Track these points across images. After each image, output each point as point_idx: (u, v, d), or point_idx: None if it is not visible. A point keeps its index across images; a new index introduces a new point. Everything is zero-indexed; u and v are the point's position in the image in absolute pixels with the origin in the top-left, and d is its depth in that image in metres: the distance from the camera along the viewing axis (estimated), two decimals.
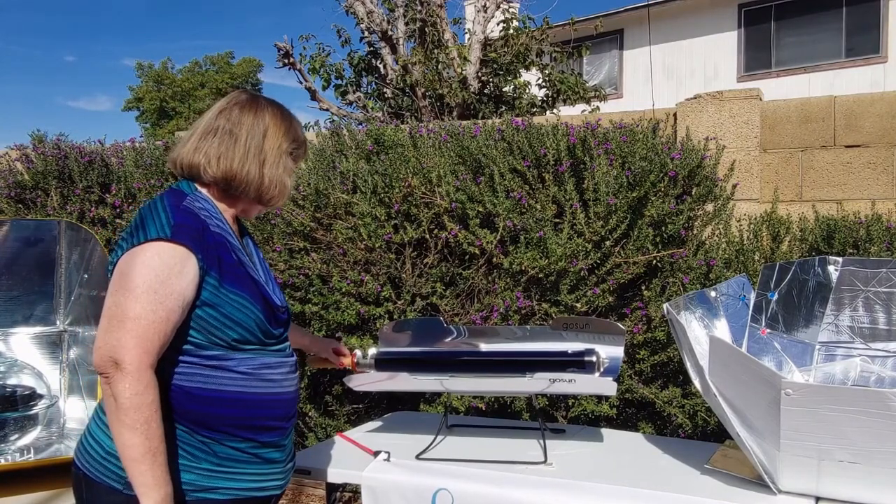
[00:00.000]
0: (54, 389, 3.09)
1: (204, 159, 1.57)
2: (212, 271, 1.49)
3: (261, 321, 1.55)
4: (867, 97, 4.39)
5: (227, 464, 1.53)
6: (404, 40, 7.87)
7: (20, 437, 2.88)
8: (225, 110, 1.61)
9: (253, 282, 1.57)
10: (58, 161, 4.39)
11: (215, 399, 1.51)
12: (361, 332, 3.38)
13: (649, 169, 3.14)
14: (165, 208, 1.51)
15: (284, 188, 1.65)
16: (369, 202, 3.35)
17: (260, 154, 1.59)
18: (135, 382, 1.38)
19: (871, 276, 2.16)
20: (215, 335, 1.50)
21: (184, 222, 1.49)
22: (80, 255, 3.17)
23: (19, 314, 3.17)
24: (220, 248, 1.53)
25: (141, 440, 1.38)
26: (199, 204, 1.56)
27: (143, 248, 1.45)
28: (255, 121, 1.60)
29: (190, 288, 1.46)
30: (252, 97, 1.66)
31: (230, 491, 1.53)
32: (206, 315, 1.49)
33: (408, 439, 2.18)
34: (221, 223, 1.58)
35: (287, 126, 1.65)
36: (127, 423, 1.38)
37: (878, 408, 1.50)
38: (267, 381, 1.57)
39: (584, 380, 2.03)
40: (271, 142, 1.61)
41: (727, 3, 12.62)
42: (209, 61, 29.77)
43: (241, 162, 1.58)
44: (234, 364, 1.53)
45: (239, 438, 1.53)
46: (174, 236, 1.45)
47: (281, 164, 1.63)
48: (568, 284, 3.12)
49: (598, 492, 1.78)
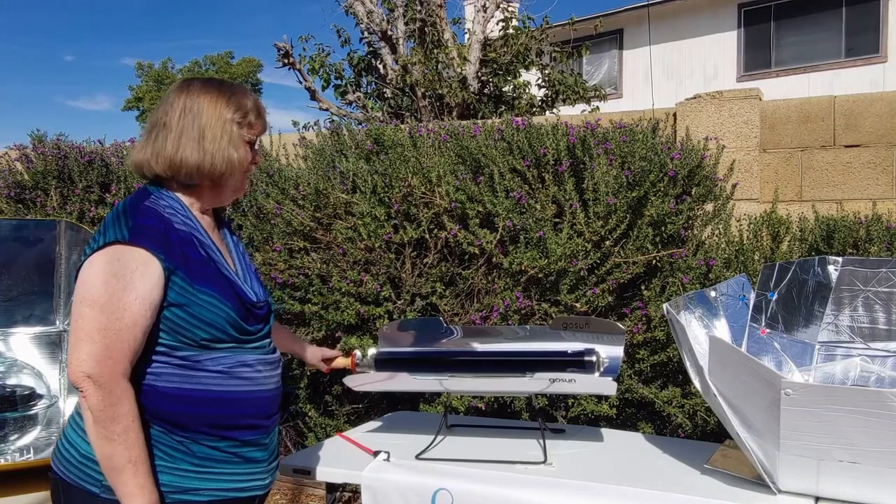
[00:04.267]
0: (54, 389, 3.09)
1: (150, 156, 1.54)
2: (178, 271, 1.46)
3: (233, 319, 1.51)
4: (867, 97, 4.39)
5: (205, 464, 1.50)
6: (404, 40, 7.87)
7: (20, 437, 2.88)
8: (164, 104, 1.57)
9: (223, 278, 1.53)
10: (57, 161, 4.39)
11: (189, 398, 1.48)
12: (361, 332, 3.38)
13: (649, 169, 3.14)
14: (126, 210, 1.48)
15: (231, 159, 1.55)
16: (369, 202, 3.35)
17: (195, 131, 1.52)
18: (108, 395, 1.37)
19: (870, 276, 2.16)
20: (184, 335, 1.47)
21: (143, 223, 1.45)
22: (79, 255, 3.16)
23: (19, 314, 3.17)
24: (185, 246, 1.49)
25: (121, 450, 1.37)
26: (164, 202, 1.53)
27: (101, 254, 1.42)
28: (186, 101, 1.54)
29: (155, 290, 1.43)
30: (184, 81, 1.60)
31: (210, 492, 1.51)
32: (174, 316, 1.46)
33: (408, 439, 2.18)
34: (188, 219, 1.54)
35: (226, 97, 1.57)
36: (105, 434, 1.37)
37: (877, 408, 1.50)
38: (244, 378, 1.54)
39: (584, 380, 2.03)
40: (208, 116, 1.53)
41: (727, 3, 12.62)
42: (209, 61, 29.79)
43: (175, 146, 1.52)
44: (209, 363, 1.50)
45: (216, 437, 1.51)
46: (132, 239, 1.42)
47: (224, 136, 1.54)
48: (568, 284, 3.12)
49: (598, 492, 1.78)
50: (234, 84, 1.63)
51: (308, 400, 3.64)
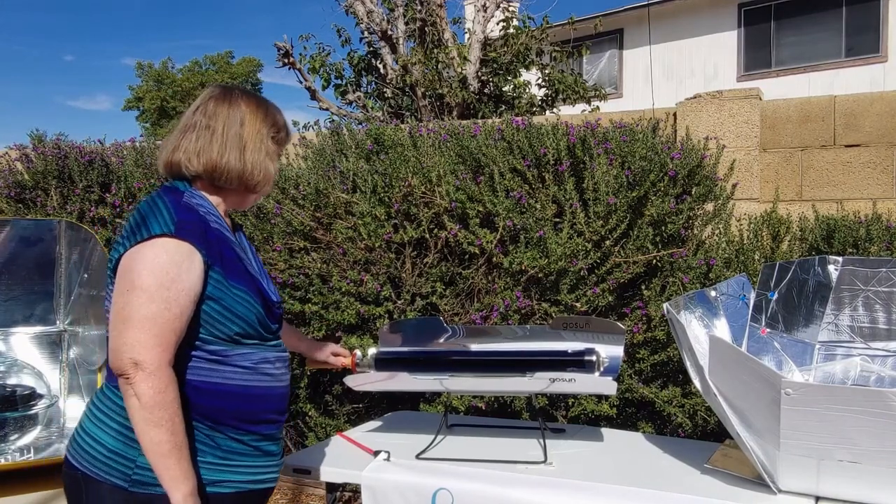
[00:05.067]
0: (54, 389, 3.09)
1: (184, 157, 1.59)
2: (215, 266, 1.51)
3: (261, 315, 1.58)
4: (867, 97, 4.39)
5: (230, 457, 1.55)
6: (404, 40, 7.87)
7: (20, 437, 2.88)
8: (201, 106, 1.63)
9: (251, 277, 1.59)
10: (58, 161, 4.39)
11: (221, 392, 1.53)
12: (361, 331, 3.38)
13: (649, 168, 3.14)
14: (166, 205, 1.52)
15: (268, 172, 1.66)
16: (369, 202, 3.35)
17: (239, 142, 1.61)
18: (157, 381, 1.41)
19: (871, 276, 2.16)
20: (218, 329, 1.52)
21: (186, 218, 1.50)
22: (80, 254, 3.17)
23: (19, 314, 3.17)
24: (221, 244, 1.55)
25: (167, 436, 1.41)
26: (196, 200, 1.58)
27: (148, 245, 1.45)
28: (230, 111, 1.62)
29: (198, 284, 1.48)
30: (225, 89, 1.67)
31: (234, 484, 1.55)
32: (210, 309, 1.51)
33: (408, 439, 2.18)
34: (218, 219, 1.60)
35: (264, 112, 1.66)
36: (153, 421, 1.40)
37: (878, 407, 1.50)
38: (266, 374, 1.60)
39: (584, 379, 2.02)
40: (249, 128, 1.63)
41: (727, 3, 12.62)
42: (209, 61, 29.75)
43: (220, 152, 1.59)
44: (237, 358, 1.55)
45: (242, 431, 1.56)
46: (178, 232, 1.47)
47: (262, 148, 1.64)
48: (568, 284, 3.12)
49: (598, 491, 1.77)
50: (267, 100, 1.72)
51: (308, 400, 3.64)
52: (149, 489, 1.47)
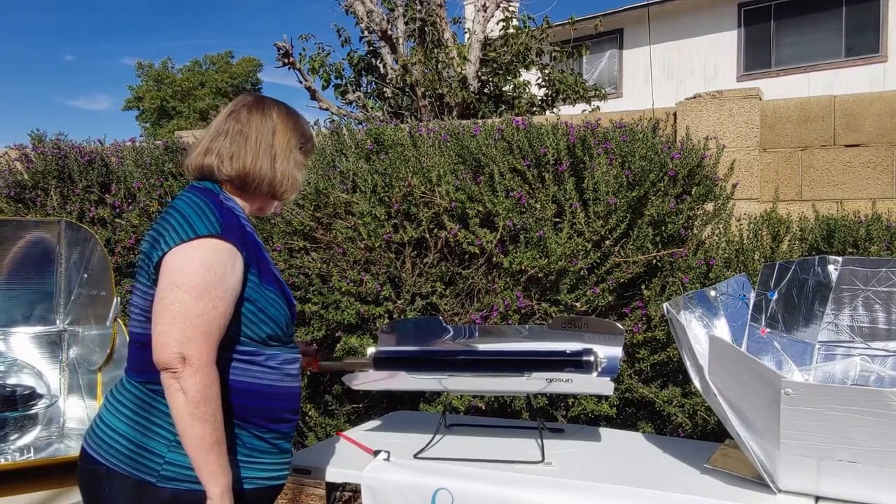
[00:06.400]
0: (54, 389, 3.09)
1: (217, 160, 1.63)
2: (252, 267, 1.56)
3: (287, 318, 1.64)
4: (867, 97, 4.39)
5: (253, 454, 1.59)
6: (404, 40, 7.86)
7: (20, 437, 2.88)
8: (234, 113, 1.68)
9: (278, 280, 1.64)
10: (57, 161, 4.39)
11: (249, 391, 1.57)
12: (361, 331, 3.38)
13: (649, 168, 3.14)
14: (209, 206, 1.55)
15: (296, 181, 1.71)
16: (369, 202, 3.35)
17: (270, 150, 1.66)
18: (204, 376, 1.44)
19: (870, 276, 2.16)
20: (252, 329, 1.56)
21: (229, 220, 1.55)
22: (79, 254, 3.16)
23: (19, 314, 3.17)
24: (255, 247, 1.60)
25: (210, 431, 1.44)
26: (231, 203, 1.63)
27: (196, 245, 1.49)
28: (263, 119, 1.67)
29: (239, 284, 1.53)
30: (258, 98, 1.73)
31: (256, 480, 1.59)
32: (247, 311, 1.55)
33: (407, 439, 2.18)
34: (248, 222, 1.65)
35: (294, 123, 1.72)
36: (198, 415, 1.43)
37: (877, 407, 1.50)
38: (288, 375, 1.65)
39: (582, 379, 2.02)
40: (280, 138, 1.68)
41: (727, 3, 12.61)
42: (209, 61, 29.72)
43: (254, 159, 1.64)
44: (264, 359, 1.59)
45: (265, 429, 1.60)
46: (224, 233, 1.51)
47: (291, 158, 1.69)
48: (568, 284, 3.12)
49: (598, 491, 1.78)
50: (296, 111, 1.77)
51: (308, 399, 3.64)
52: (177, 485, 1.49)
